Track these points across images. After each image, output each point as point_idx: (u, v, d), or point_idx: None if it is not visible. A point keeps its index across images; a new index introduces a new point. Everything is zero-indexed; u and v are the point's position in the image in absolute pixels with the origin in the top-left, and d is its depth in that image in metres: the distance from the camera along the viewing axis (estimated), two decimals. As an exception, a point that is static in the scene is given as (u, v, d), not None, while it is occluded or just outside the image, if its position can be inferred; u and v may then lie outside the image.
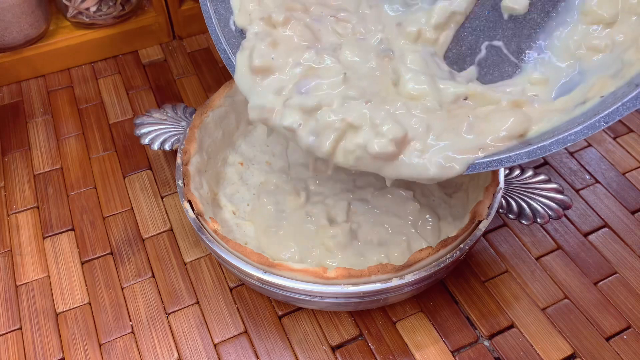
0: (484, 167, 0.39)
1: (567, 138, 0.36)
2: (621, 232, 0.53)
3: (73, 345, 0.46)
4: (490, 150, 0.39)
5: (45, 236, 0.53)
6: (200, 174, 0.50)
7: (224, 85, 0.53)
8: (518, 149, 0.38)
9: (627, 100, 0.34)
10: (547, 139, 0.37)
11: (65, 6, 0.65)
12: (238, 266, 0.43)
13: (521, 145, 0.38)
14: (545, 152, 0.36)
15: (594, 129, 0.35)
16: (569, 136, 0.36)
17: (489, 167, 0.38)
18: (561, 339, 0.46)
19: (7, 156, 0.60)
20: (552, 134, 0.37)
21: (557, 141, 0.36)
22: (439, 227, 0.49)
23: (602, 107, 0.35)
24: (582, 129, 0.36)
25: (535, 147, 0.37)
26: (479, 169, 0.39)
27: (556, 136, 0.36)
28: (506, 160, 0.38)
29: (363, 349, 0.46)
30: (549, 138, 0.37)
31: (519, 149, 0.38)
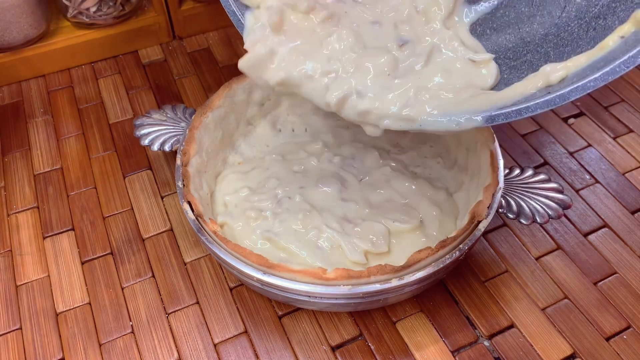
0: (503, 118, 0.39)
1: (587, 85, 0.35)
2: (621, 232, 0.53)
3: (73, 345, 0.46)
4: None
5: (45, 236, 0.53)
6: (200, 175, 0.50)
7: (224, 86, 0.53)
8: (537, 99, 0.38)
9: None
10: (566, 86, 0.36)
11: (65, 6, 0.65)
12: (237, 267, 0.43)
13: (540, 94, 0.38)
14: (564, 100, 0.36)
15: (614, 74, 0.35)
16: (589, 82, 0.35)
17: (509, 118, 0.38)
18: (561, 339, 0.46)
19: (7, 156, 0.60)
20: (571, 81, 0.37)
21: (577, 88, 0.36)
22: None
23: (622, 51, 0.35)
24: (601, 74, 0.35)
25: (554, 96, 0.37)
26: (498, 121, 0.39)
27: (575, 83, 0.36)
28: (525, 110, 0.38)
29: (363, 349, 0.46)
30: (567, 86, 0.36)
31: (538, 98, 0.38)
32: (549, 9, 0.43)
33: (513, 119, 0.38)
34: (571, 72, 0.38)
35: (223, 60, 0.69)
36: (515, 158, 0.59)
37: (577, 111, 0.63)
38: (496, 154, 0.48)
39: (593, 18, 0.41)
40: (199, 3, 0.70)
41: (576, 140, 0.60)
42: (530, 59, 0.43)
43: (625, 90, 0.65)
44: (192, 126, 0.51)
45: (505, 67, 0.44)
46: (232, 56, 0.70)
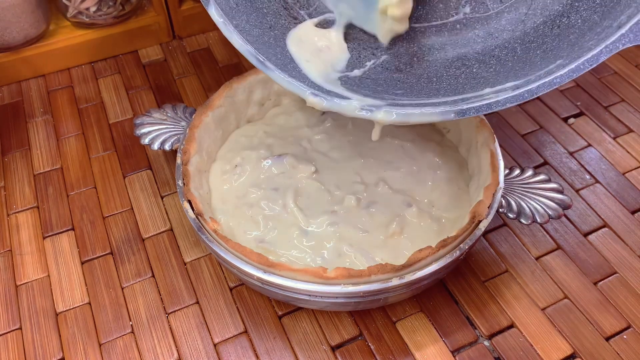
0: (474, 111, 0.40)
1: (553, 81, 0.38)
2: (621, 232, 0.53)
3: (73, 345, 0.46)
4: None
5: (45, 236, 0.53)
6: (200, 174, 0.50)
7: (224, 85, 0.53)
8: (506, 93, 0.40)
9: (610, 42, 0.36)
10: (534, 81, 0.39)
11: (65, 6, 0.65)
12: (238, 266, 0.43)
13: (510, 89, 0.40)
14: (532, 95, 0.39)
15: (579, 71, 0.38)
16: (555, 79, 0.38)
17: (480, 112, 0.40)
18: (561, 339, 0.46)
19: (7, 156, 0.60)
20: (538, 76, 0.39)
21: (544, 84, 0.38)
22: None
23: (584, 50, 0.38)
24: (567, 72, 0.38)
25: (523, 91, 0.39)
26: (469, 114, 0.41)
27: (542, 79, 0.38)
28: (495, 104, 0.40)
29: (363, 348, 0.46)
30: (535, 81, 0.39)
31: (507, 92, 0.40)
32: (516, 5, 0.45)
33: (484, 112, 0.40)
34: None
35: (223, 60, 0.69)
36: (515, 158, 0.59)
37: (577, 111, 0.63)
38: (496, 154, 0.48)
39: (557, 16, 0.42)
40: (199, 3, 0.70)
41: (576, 140, 0.60)
42: (498, 54, 0.45)
43: (625, 90, 0.65)
44: (192, 125, 0.51)
45: (474, 61, 0.45)
46: (232, 56, 0.70)
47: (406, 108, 0.42)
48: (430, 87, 0.45)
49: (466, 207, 0.49)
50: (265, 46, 0.45)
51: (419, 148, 0.53)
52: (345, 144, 0.54)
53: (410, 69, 0.47)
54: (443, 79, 0.45)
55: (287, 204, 0.49)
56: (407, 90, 0.45)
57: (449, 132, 0.55)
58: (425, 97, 0.44)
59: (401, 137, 0.54)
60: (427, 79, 0.46)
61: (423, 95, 0.44)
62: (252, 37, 0.45)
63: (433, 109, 0.41)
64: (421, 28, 0.48)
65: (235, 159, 0.53)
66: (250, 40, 0.44)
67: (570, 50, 0.39)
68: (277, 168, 0.52)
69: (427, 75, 0.46)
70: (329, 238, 0.47)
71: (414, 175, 0.51)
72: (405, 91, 0.45)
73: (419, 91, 0.45)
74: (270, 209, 0.49)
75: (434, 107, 0.42)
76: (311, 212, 0.49)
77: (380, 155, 0.53)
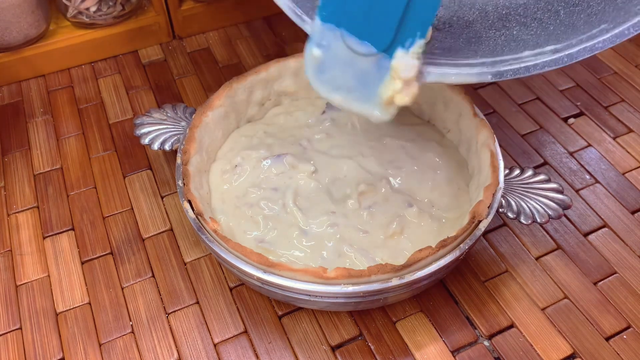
0: (511, 73, 0.39)
1: (595, 46, 0.36)
2: (621, 232, 0.53)
3: (73, 345, 0.46)
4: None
5: (45, 236, 0.53)
6: (200, 174, 0.50)
7: (224, 85, 0.53)
8: (545, 56, 0.38)
9: None
10: (574, 46, 0.37)
11: (65, 6, 0.65)
12: (238, 266, 0.43)
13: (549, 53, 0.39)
14: (572, 60, 0.37)
15: (623, 36, 0.36)
16: (597, 44, 0.36)
17: (517, 74, 0.39)
18: (561, 339, 0.46)
19: (7, 156, 0.60)
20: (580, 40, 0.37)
21: (585, 49, 0.37)
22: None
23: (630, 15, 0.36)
24: (610, 36, 0.36)
25: (563, 55, 0.38)
26: (506, 76, 0.40)
27: (584, 43, 0.37)
28: (533, 68, 0.39)
29: (363, 348, 0.46)
30: (576, 45, 0.37)
31: (546, 56, 0.38)
32: None
33: (521, 74, 0.39)
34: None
35: (223, 60, 0.69)
36: (515, 158, 0.59)
37: (577, 111, 0.63)
38: (496, 154, 0.48)
39: None
40: (199, 3, 0.70)
41: (576, 140, 0.60)
42: (541, 17, 0.43)
43: (625, 90, 0.65)
44: (192, 125, 0.51)
45: (515, 23, 0.44)
46: (232, 56, 0.70)
47: (443, 67, 0.42)
48: (469, 48, 0.44)
49: (466, 207, 0.49)
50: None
51: (420, 148, 0.53)
52: (345, 143, 0.54)
53: (450, 28, 0.46)
54: (482, 40, 0.44)
55: (286, 204, 0.49)
56: (444, 50, 0.44)
57: (449, 132, 0.55)
58: (462, 58, 0.43)
59: (401, 136, 0.54)
60: (465, 40, 0.45)
61: (460, 56, 0.43)
62: None
63: (470, 69, 0.41)
64: None
65: (235, 159, 0.53)
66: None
67: (616, 15, 0.38)
68: (276, 168, 0.52)
69: (466, 35, 0.45)
70: (329, 238, 0.47)
71: (414, 175, 0.51)
72: (443, 51, 0.44)
73: (456, 51, 0.44)
74: (270, 209, 0.49)
75: (471, 67, 0.41)
76: (311, 212, 0.49)
77: (380, 155, 0.53)
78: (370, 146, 0.53)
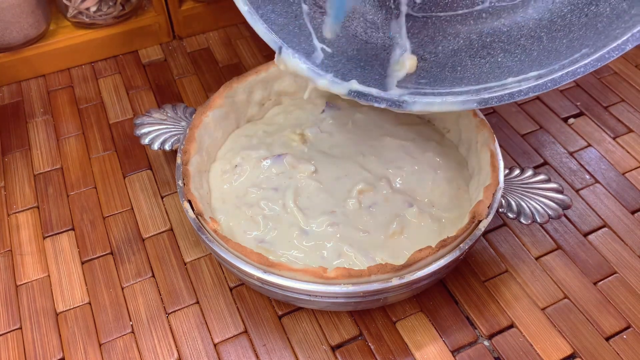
0: (496, 100, 0.41)
1: (577, 70, 0.38)
2: (621, 232, 0.53)
3: (73, 345, 0.46)
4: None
5: (45, 236, 0.53)
6: (200, 174, 0.50)
7: (224, 85, 0.53)
8: (529, 82, 0.40)
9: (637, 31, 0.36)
10: (557, 71, 0.39)
11: (65, 6, 0.65)
12: (238, 266, 0.43)
13: (533, 79, 0.40)
14: (555, 85, 0.39)
15: (604, 60, 0.37)
16: (579, 68, 0.38)
17: (502, 101, 0.41)
18: (561, 339, 0.46)
19: (7, 156, 0.60)
20: (562, 66, 0.39)
21: (567, 74, 0.38)
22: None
23: (610, 39, 0.37)
24: (591, 61, 0.38)
25: (545, 81, 0.39)
26: (491, 103, 0.41)
27: (566, 68, 0.38)
28: (517, 94, 0.40)
29: (363, 348, 0.46)
30: (558, 71, 0.38)
31: (530, 82, 0.40)
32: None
33: (506, 101, 0.41)
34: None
35: (223, 60, 0.69)
36: (515, 158, 0.59)
37: (577, 111, 0.63)
38: (496, 154, 0.48)
39: (585, 4, 0.42)
40: (199, 3, 0.70)
41: (576, 140, 0.60)
42: (524, 43, 0.45)
43: (625, 90, 0.65)
44: (192, 125, 0.51)
45: (499, 50, 0.45)
46: (232, 56, 0.70)
47: (428, 97, 0.43)
48: (454, 76, 0.45)
49: (466, 207, 0.49)
50: (290, 35, 0.45)
51: (420, 147, 0.53)
52: (345, 142, 0.54)
53: (435, 57, 0.47)
54: (467, 68, 0.45)
55: (287, 204, 0.49)
56: (430, 80, 0.45)
57: (449, 132, 0.55)
58: (448, 87, 0.44)
59: (402, 136, 0.54)
60: (451, 68, 0.46)
61: (446, 84, 0.44)
62: (277, 26, 0.45)
63: (455, 97, 0.42)
64: (447, 17, 0.48)
65: (235, 158, 0.53)
66: (274, 30, 0.45)
67: (597, 39, 0.39)
68: (276, 168, 0.52)
69: (451, 64, 0.46)
70: (329, 238, 0.47)
71: (414, 174, 0.51)
72: (429, 80, 0.45)
73: (442, 80, 0.45)
74: (270, 208, 0.49)
75: (456, 96, 0.42)
76: (311, 212, 0.49)
77: (380, 155, 0.53)
78: (370, 145, 0.53)
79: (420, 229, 0.48)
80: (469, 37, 0.47)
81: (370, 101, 0.45)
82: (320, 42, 0.46)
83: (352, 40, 0.48)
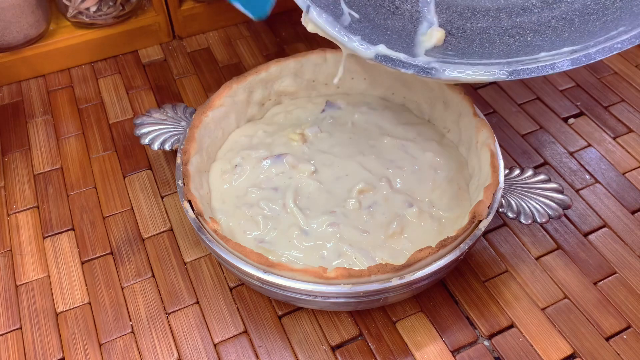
0: (527, 73, 0.39)
1: (614, 46, 0.36)
2: (621, 232, 0.53)
3: (73, 345, 0.46)
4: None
5: (45, 236, 0.53)
6: (200, 174, 0.50)
7: (224, 85, 0.53)
8: (562, 57, 0.38)
9: None
10: (593, 47, 0.37)
11: (65, 6, 0.65)
12: (238, 266, 0.43)
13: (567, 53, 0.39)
14: (590, 60, 0.37)
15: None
16: (616, 44, 0.36)
17: (533, 73, 0.39)
18: (561, 339, 0.46)
19: (7, 156, 0.60)
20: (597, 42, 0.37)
21: (603, 49, 0.37)
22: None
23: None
24: (629, 37, 0.36)
25: (580, 55, 0.37)
26: (522, 75, 0.40)
27: (602, 44, 0.37)
28: (550, 67, 0.39)
29: (363, 348, 0.46)
30: (594, 46, 0.37)
31: (564, 56, 0.38)
32: None
33: (538, 74, 0.39)
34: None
35: (223, 60, 0.69)
36: (515, 158, 0.59)
37: (577, 111, 0.63)
38: (496, 154, 0.48)
39: None
40: (199, 3, 0.70)
41: (576, 140, 0.60)
42: (555, 25, 0.44)
43: (625, 90, 0.65)
44: (192, 125, 0.51)
45: (529, 30, 0.44)
46: (232, 56, 0.70)
47: (458, 66, 0.42)
48: (483, 51, 0.44)
49: (466, 207, 0.49)
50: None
51: (420, 147, 0.53)
52: (345, 142, 0.54)
53: (463, 33, 0.47)
54: (496, 45, 0.45)
55: (286, 204, 0.49)
56: (458, 52, 0.45)
57: (449, 132, 0.55)
58: (477, 59, 0.43)
59: (402, 136, 0.54)
60: (479, 44, 0.45)
61: (475, 57, 0.44)
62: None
63: (486, 68, 0.41)
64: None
65: (235, 158, 0.53)
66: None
67: (634, 19, 0.38)
68: (276, 168, 0.52)
69: (479, 40, 0.46)
70: (329, 238, 0.47)
71: (414, 174, 0.51)
72: (457, 53, 0.45)
73: (470, 54, 0.44)
74: (270, 209, 0.49)
75: (487, 66, 0.41)
76: (311, 212, 0.49)
77: (381, 154, 0.53)
78: (371, 145, 0.53)
79: (420, 229, 0.48)
80: (498, 16, 0.46)
81: (398, 66, 0.43)
82: (348, 7, 0.45)
83: (379, 10, 0.48)
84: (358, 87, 0.58)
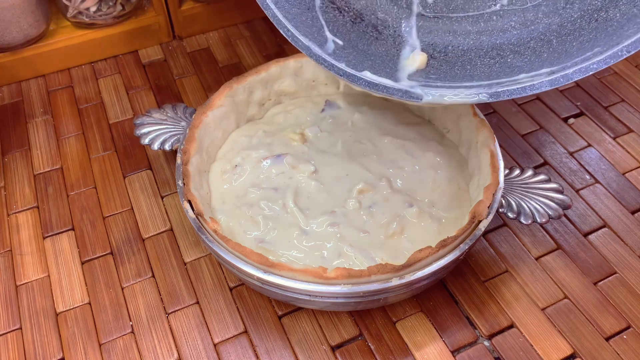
0: (507, 94, 0.41)
1: (590, 66, 0.38)
2: (621, 232, 0.53)
3: (73, 345, 0.46)
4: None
5: (45, 236, 0.53)
6: (200, 174, 0.50)
7: (224, 85, 0.53)
8: (541, 77, 0.40)
9: None
10: (570, 67, 0.39)
11: (65, 6, 0.65)
12: (238, 266, 0.43)
13: (545, 74, 0.40)
14: (568, 80, 0.38)
15: (616, 57, 0.37)
16: (592, 65, 0.38)
17: (513, 95, 0.41)
18: (561, 339, 0.46)
19: (7, 156, 0.60)
20: (574, 63, 0.39)
21: (580, 69, 0.38)
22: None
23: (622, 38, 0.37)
24: (604, 57, 0.37)
25: (558, 76, 0.39)
26: (503, 97, 0.41)
27: (579, 65, 0.38)
28: (529, 88, 0.40)
29: (363, 348, 0.46)
30: (571, 67, 0.38)
31: (542, 77, 0.40)
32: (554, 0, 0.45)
33: (517, 95, 0.41)
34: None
35: (223, 60, 0.69)
36: (515, 158, 0.59)
37: (577, 111, 0.63)
38: (496, 154, 0.48)
39: (595, 10, 0.42)
40: (199, 3, 0.70)
41: (576, 140, 0.60)
42: (534, 46, 0.45)
43: (625, 90, 0.65)
44: (192, 125, 0.51)
45: (509, 52, 0.46)
46: (232, 56, 0.70)
47: (440, 89, 0.43)
48: (464, 74, 0.45)
49: (466, 207, 0.49)
50: (303, 25, 0.46)
51: (420, 147, 0.53)
52: (345, 142, 0.54)
53: (445, 56, 0.48)
54: (477, 67, 0.46)
55: (286, 204, 0.49)
56: (440, 76, 0.46)
57: (449, 132, 0.55)
58: (459, 81, 0.44)
59: (402, 136, 0.54)
60: (461, 67, 0.46)
61: (457, 80, 0.45)
62: (290, 14, 0.46)
63: (467, 90, 0.42)
64: (457, 18, 0.48)
65: (235, 158, 0.53)
66: (287, 18, 0.46)
67: (608, 40, 0.39)
68: (276, 168, 0.52)
69: (461, 62, 0.47)
70: (329, 238, 0.47)
71: (414, 174, 0.51)
72: (439, 76, 0.46)
73: (452, 76, 0.45)
74: (270, 209, 0.49)
75: (468, 89, 0.42)
76: (311, 212, 0.49)
77: (381, 154, 0.53)
78: (371, 145, 0.53)
79: (420, 229, 0.48)
80: (479, 39, 0.48)
81: (383, 92, 0.45)
82: (332, 34, 0.47)
83: (362, 36, 0.49)
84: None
